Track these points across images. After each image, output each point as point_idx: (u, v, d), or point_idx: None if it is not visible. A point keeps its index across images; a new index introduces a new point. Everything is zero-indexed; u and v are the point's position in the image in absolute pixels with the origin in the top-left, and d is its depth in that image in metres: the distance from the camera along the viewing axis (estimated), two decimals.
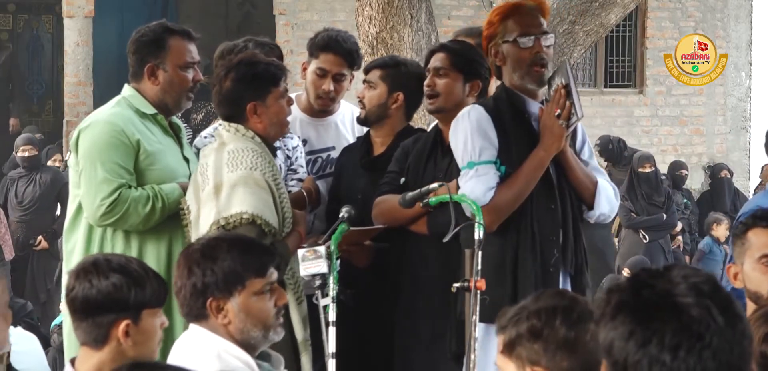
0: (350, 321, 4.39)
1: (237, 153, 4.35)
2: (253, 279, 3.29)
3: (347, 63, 5.13)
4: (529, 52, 4.34)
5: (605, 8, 7.72)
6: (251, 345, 3.32)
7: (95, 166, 4.52)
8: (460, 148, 4.32)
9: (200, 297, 3.28)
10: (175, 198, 4.55)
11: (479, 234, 4.05)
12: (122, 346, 3.21)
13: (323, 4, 15.29)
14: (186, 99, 4.75)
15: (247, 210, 4.23)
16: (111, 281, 3.20)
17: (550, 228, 4.33)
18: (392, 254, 4.67)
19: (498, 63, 4.41)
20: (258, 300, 3.30)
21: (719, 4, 16.30)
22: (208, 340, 3.28)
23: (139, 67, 4.68)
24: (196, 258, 3.31)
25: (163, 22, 4.80)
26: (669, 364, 1.95)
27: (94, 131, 4.58)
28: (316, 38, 5.20)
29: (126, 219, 4.52)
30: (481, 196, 4.19)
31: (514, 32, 4.35)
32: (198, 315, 3.31)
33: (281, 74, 4.52)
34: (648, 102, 16.06)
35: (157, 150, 4.61)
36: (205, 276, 3.27)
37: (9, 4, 17.45)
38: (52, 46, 17.51)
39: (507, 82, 4.41)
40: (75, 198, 4.67)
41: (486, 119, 4.30)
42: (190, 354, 3.29)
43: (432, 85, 4.69)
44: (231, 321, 3.27)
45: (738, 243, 3.76)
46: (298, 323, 4.39)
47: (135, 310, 3.21)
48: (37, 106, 17.67)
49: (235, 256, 3.30)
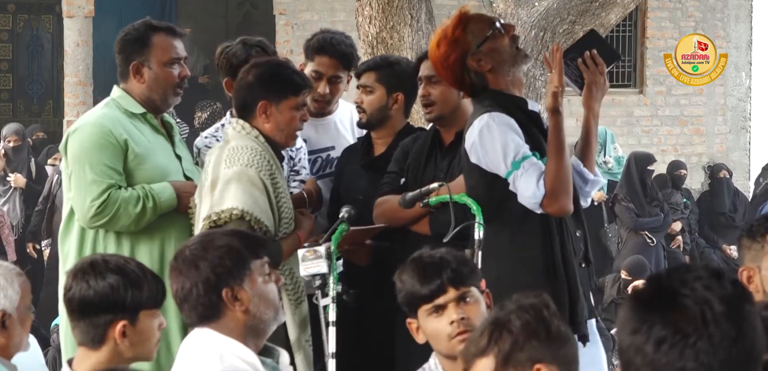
0: (351, 321, 4.39)
1: (236, 150, 4.36)
2: (254, 260, 3.28)
3: (342, 65, 5.12)
4: (507, 35, 4.31)
5: (605, 8, 7.71)
6: (263, 329, 3.28)
7: (84, 168, 4.54)
8: (499, 158, 4.14)
9: (215, 291, 3.21)
10: (167, 197, 4.56)
11: (479, 234, 4.05)
12: (119, 347, 3.21)
13: (323, 4, 15.28)
14: (173, 95, 4.73)
15: (238, 206, 4.25)
16: (108, 281, 3.20)
17: (574, 225, 4.32)
18: (393, 253, 4.67)
19: (485, 69, 4.27)
20: (265, 282, 3.28)
21: (719, 4, 16.29)
22: (212, 341, 3.24)
23: (125, 67, 4.70)
24: (199, 253, 3.24)
25: (147, 19, 4.78)
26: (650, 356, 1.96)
27: (82, 134, 4.59)
28: (312, 41, 5.19)
29: (117, 220, 4.52)
30: (536, 189, 4.09)
31: (482, 32, 4.28)
32: (209, 315, 3.23)
33: (303, 86, 4.52)
34: (648, 102, 16.05)
35: (145, 149, 4.61)
36: (215, 266, 3.21)
37: (9, 4, 17.44)
38: (52, 46, 17.50)
39: (499, 86, 4.29)
40: (68, 202, 4.68)
41: (509, 119, 4.20)
42: (193, 356, 3.26)
43: (427, 95, 4.67)
44: (247, 307, 3.22)
45: (755, 246, 3.70)
46: (292, 324, 4.39)
47: (132, 311, 3.21)
48: (37, 106, 17.67)
49: (234, 241, 3.28)
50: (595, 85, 4.36)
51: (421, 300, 3.44)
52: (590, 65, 4.34)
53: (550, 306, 2.67)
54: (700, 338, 1.95)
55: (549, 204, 4.09)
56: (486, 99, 4.27)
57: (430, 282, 3.42)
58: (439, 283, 3.42)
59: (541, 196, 4.09)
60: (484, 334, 2.60)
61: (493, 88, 4.29)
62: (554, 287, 4.10)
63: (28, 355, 6.11)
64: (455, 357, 3.34)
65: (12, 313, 3.41)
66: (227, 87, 4.99)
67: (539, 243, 4.20)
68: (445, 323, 3.40)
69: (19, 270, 3.52)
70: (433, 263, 3.47)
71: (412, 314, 3.48)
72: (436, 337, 3.43)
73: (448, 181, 4.34)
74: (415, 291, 3.44)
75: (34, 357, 6.56)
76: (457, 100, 4.64)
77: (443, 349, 3.43)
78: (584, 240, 4.35)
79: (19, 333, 3.45)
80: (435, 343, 3.44)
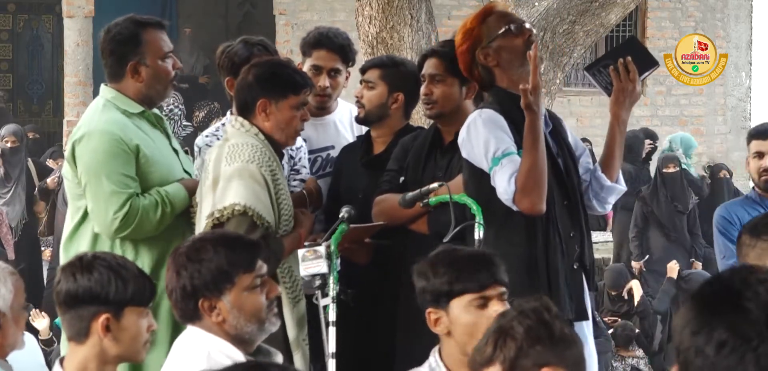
0: (351, 320, 4.39)
1: (236, 147, 4.36)
2: (242, 274, 3.30)
3: (341, 57, 5.14)
4: (522, 37, 4.32)
5: (605, 8, 7.71)
6: (247, 340, 3.32)
7: (101, 180, 4.46)
8: (482, 153, 4.20)
9: (191, 299, 3.29)
10: (181, 199, 4.54)
11: (479, 234, 4.04)
12: (104, 342, 3.22)
13: (323, 4, 15.29)
14: (170, 88, 4.72)
15: (240, 201, 4.25)
16: (94, 275, 3.23)
17: (569, 226, 4.29)
18: (393, 252, 4.66)
19: (491, 65, 4.32)
20: (249, 295, 3.30)
21: (719, 4, 16.30)
22: (200, 340, 3.29)
23: (119, 67, 4.60)
24: (182, 261, 3.32)
25: (132, 16, 4.70)
26: (712, 358, 1.93)
27: (92, 142, 4.50)
28: (308, 37, 5.22)
29: (140, 229, 4.48)
30: (507, 186, 4.11)
31: (498, 28, 4.32)
32: (192, 316, 3.32)
33: (304, 85, 4.52)
34: (648, 102, 16.06)
35: (153, 151, 4.58)
36: (193, 278, 3.28)
37: (9, 4, 17.45)
38: (52, 46, 17.51)
39: (502, 84, 4.33)
40: (78, 210, 4.59)
41: (496, 116, 4.24)
42: (181, 355, 3.31)
43: (429, 93, 4.68)
44: (225, 318, 3.28)
45: (760, 244, 3.70)
46: (291, 322, 4.39)
47: (116, 305, 3.22)
48: (37, 106, 17.68)
49: (222, 255, 3.30)
50: (622, 92, 4.35)
51: (464, 290, 3.39)
52: (622, 72, 4.34)
53: (551, 309, 2.66)
54: (763, 343, 1.92)
55: (520, 200, 4.10)
56: (491, 95, 4.35)
57: (481, 273, 3.39)
58: (489, 276, 3.40)
59: (512, 192, 4.09)
60: (489, 343, 2.59)
61: (499, 84, 4.33)
62: (534, 286, 4.12)
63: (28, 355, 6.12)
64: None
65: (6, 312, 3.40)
66: (229, 86, 4.99)
67: (523, 242, 4.21)
68: (486, 316, 3.36)
69: (12, 269, 3.52)
70: (481, 256, 3.46)
71: (438, 305, 3.42)
72: (473, 330, 3.35)
73: (447, 180, 4.34)
74: (460, 280, 3.39)
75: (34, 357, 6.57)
76: (459, 99, 4.65)
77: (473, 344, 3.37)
78: (581, 242, 4.34)
79: (13, 332, 3.44)
80: (466, 336, 3.36)
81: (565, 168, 4.36)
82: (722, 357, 1.92)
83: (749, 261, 3.75)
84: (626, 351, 9.67)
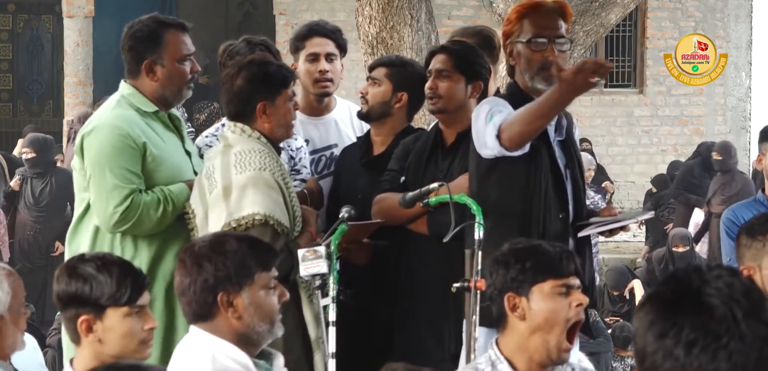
0: (350, 320, 4.39)
1: (244, 154, 4.33)
2: (260, 272, 3.28)
3: (335, 43, 5.17)
4: (541, 55, 4.29)
5: (605, 8, 7.71)
6: (256, 340, 3.30)
7: (104, 173, 4.47)
8: (481, 127, 4.18)
9: (211, 293, 3.24)
10: (184, 199, 4.53)
11: (479, 234, 4.04)
12: (94, 344, 3.22)
13: (323, 4, 15.29)
14: (186, 91, 4.72)
15: (260, 210, 4.22)
16: (74, 278, 3.24)
17: (559, 237, 4.20)
18: (392, 252, 4.66)
19: (512, 62, 4.38)
20: (266, 295, 3.29)
21: (719, 4, 16.30)
22: (205, 342, 3.26)
23: (135, 64, 4.62)
24: (206, 253, 3.26)
25: (156, 15, 4.74)
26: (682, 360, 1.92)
27: (99, 136, 4.52)
28: (298, 31, 5.28)
29: (139, 225, 4.48)
30: (493, 130, 4.09)
31: (528, 33, 4.31)
32: (203, 314, 3.27)
33: (291, 77, 4.53)
34: (648, 102, 16.05)
35: (162, 150, 4.57)
36: (218, 270, 3.23)
37: (9, 4, 17.46)
38: (52, 46, 17.52)
39: (520, 82, 4.36)
40: (82, 202, 4.62)
41: (503, 100, 4.26)
42: (186, 357, 3.28)
43: (434, 87, 4.68)
44: (241, 315, 3.24)
45: (755, 245, 3.70)
46: (311, 321, 4.38)
47: (93, 306, 3.21)
48: (37, 106, 17.68)
49: (244, 249, 3.29)
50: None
51: (550, 274, 3.37)
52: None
53: None
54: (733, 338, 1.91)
55: (504, 129, 4.07)
56: (506, 88, 4.44)
57: (564, 262, 3.39)
58: (574, 267, 3.40)
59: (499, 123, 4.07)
60: None
61: (517, 80, 4.38)
62: None
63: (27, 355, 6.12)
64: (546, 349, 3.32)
65: (4, 314, 3.39)
66: None
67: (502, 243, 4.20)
68: (567, 305, 3.35)
69: (10, 270, 3.50)
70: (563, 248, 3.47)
71: (519, 291, 3.39)
72: (553, 317, 3.34)
73: (448, 181, 4.34)
74: (545, 266, 3.37)
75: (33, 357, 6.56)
76: (463, 97, 4.66)
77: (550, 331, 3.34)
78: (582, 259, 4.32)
79: (12, 334, 3.43)
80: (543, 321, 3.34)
81: (572, 182, 4.35)
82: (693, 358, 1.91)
83: (745, 261, 3.74)
84: (625, 352, 9.68)
